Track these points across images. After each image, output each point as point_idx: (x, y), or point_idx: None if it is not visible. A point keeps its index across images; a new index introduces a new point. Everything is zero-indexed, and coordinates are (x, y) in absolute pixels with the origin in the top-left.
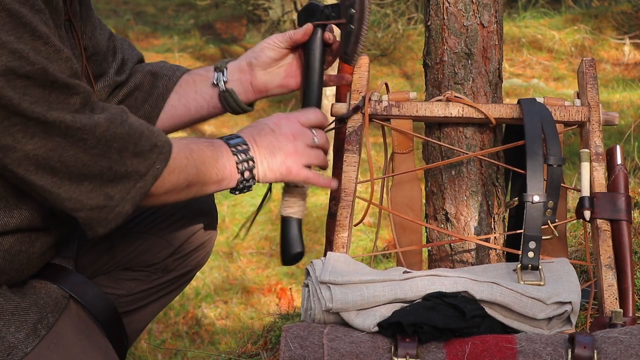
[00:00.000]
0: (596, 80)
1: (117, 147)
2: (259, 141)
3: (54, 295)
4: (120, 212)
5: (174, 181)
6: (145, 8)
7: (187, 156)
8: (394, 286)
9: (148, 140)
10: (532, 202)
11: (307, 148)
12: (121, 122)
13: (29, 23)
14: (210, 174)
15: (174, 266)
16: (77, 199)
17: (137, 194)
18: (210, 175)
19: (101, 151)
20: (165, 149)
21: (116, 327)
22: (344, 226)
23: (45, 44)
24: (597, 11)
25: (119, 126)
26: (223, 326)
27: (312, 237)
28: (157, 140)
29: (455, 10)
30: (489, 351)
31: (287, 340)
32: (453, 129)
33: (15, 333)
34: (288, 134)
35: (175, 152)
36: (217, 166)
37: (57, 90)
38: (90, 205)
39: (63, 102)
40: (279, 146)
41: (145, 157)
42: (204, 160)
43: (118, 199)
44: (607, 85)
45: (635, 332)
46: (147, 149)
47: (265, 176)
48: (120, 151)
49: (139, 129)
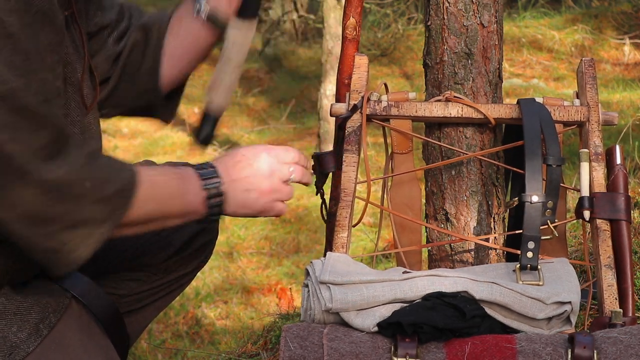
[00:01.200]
0: (595, 80)
1: (75, 193)
2: (234, 174)
3: (56, 295)
4: (75, 258)
5: (131, 218)
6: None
7: (150, 192)
8: (394, 286)
9: (112, 186)
10: (530, 202)
11: (281, 184)
12: (81, 166)
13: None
14: (173, 209)
15: (175, 267)
16: (29, 240)
17: (94, 241)
18: (172, 211)
19: (57, 196)
20: (128, 192)
21: (118, 327)
22: (343, 226)
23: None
24: (597, 11)
25: (79, 171)
26: (223, 326)
27: (312, 237)
28: (121, 185)
29: (455, 10)
30: (488, 351)
31: (287, 340)
32: (453, 129)
33: (18, 333)
34: (266, 171)
35: (139, 191)
36: (182, 202)
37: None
38: (44, 248)
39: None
40: (255, 183)
41: (107, 204)
42: (168, 196)
43: (73, 245)
44: (607, 85)
45: (635, 332)
46: (110, 194)
47: (235, 212)
48: (79, 199)
49: (102, 175)
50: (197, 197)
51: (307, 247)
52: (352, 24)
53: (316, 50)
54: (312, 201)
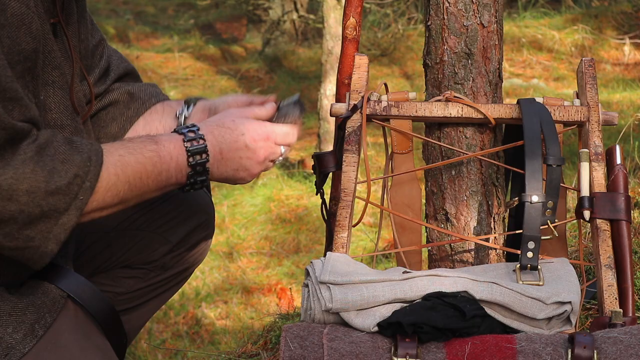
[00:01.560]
0: (595, 80)
1: (24, 189)
2: (227, 154)
3: (51, 295)
4: (44, 252)
5: (100, 202)
6: (145, 8)
7: (119, 173)
8: (394, 286)
9: (64, 174)
10: (530, 202)
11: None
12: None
13: None
14: (147, 186)
15: (172, 263)
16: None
17: (60, 231)
18: (147, 187)
19: (6, 196)
20: (90, 176)
21: (114, 326)
22: (343, 226)
23: None
24: (597, 11)
25: (21, 167)
26: (223, 326)
27: (312, 237)
28: (77, 170)
29: (455, 10)
30: (488, 351)
31: (287, 340)
32: (453, 129)
33: (13, 333)
34: (261, 156)
35: (103, 173)
36: (158, 179)
37: None
38: (10, 247)
39: None
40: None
41: (64, 193)
42: (141, 174)
43: (39, 239)
44: (607, 85)
45: (635, 332)
46: (65, 183)
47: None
48: (29, 193)
49: (49, 166)
50: (178, 174)
51: (307, 247)
52: (352, 23)
53: (316, 50)
54: (312, 201)
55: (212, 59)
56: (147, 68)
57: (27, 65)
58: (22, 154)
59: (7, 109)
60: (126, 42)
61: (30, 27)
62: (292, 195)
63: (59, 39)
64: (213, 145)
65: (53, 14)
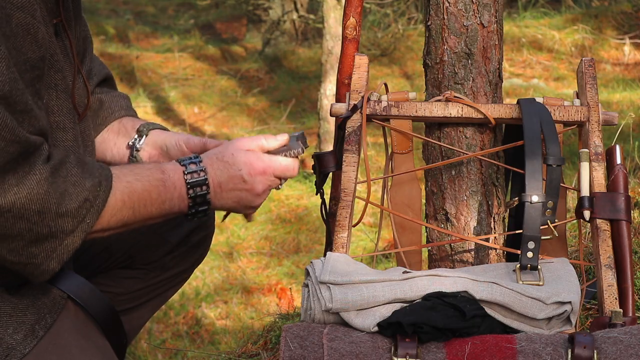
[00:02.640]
0: (595, 80)
1: (36, 209)
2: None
3: (51, 295)
4: (45, 270)
5: (104, 225)
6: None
7: (125, 199)
8: (394, 286)
9: (75, 198)
10: (530, 202)
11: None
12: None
13: None
14: (151, 214)
15: (172, 264)
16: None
17: (63, 252)
18: (150, 215)
19: (18, 214)
20: (99, 201)
21: (114, 326)
22: (343, 226)
23: None
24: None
25: (36, 187)
26: (223, 326)
27: (312, 237)
28: (88, 194)
29: (455, 10)
30: (488, 351)
31: (287, 340)
32: (453, 129)
33: (13, 334)
34: (259, 189)
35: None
36: (162, 207)
37: None
38: (13, 261)
39: None
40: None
41: (73, 216)
42: (146, 201)
43: (42, 257)
44: (607, 85)
45: (635, 332)
46: (75, 207)
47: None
48: (40, 213)
49: (61, 188)
50: (181, 203)
51: (307, 247)
52: (352, 23)
53: (316, 50)
54: (312, 201)
55: (212, 59)
56: (147, 68)
57: (36, 74)
58: (37, 174)
59: (19, 122)
60: (126, 42)
61: (36, 36)
62: (292, 195)
63: (60, 39)
64: (213, 178)
65: (56, 14)
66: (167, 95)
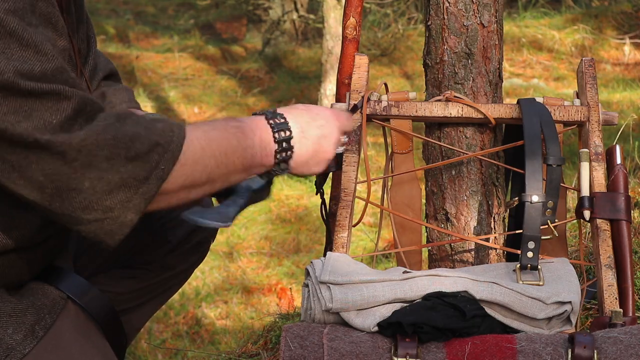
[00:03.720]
0: (595, 80)
1: (104, 155)
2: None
3: (51, 296)
4: (124, 222)
5: (188, 177)
6: (145, 8)
7: (204, 146)
8: (394, 286)
9: (146, 141)
10: (531, 202)
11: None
12: (106, 128)
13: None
14: (234, 164)
15: (172, 264)
16: (71, 215)
17: (140, 201)
18: (233, 166)
19: (86, 162)
20: (173, 146)
21: (114, 326)
22: (343, 226)
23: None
24: (597, 11)
25: (104, 133)
26: (223, 326)
27: (312, 237)
28: (159, 138)
29: (456, 10)
30: (489, 351)
31: (287, 340)
32: (453, 129)
33: (13, 334)
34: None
35: (187, 146)
36: (244, 155)
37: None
38: (88, 219)
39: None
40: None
41: (144, 160)
42: (227, 149)
43: (118, 209)
44: (607, 85)
45: (635, 332)
46: (145, 151)
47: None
48: (109, 159)
49: (130, 132)
50: (265, 150)
51: (307, 247)
52: (352, 23)
53: (316, 50)
54: (312, 201)
55: (212, 59)
56: (147, 68)
57: None
58: (102, 120)
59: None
60: (126, 42)
61: (57, 25)
62: (292, 195)
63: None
64: (294, 122)
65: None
66: (167, 95)
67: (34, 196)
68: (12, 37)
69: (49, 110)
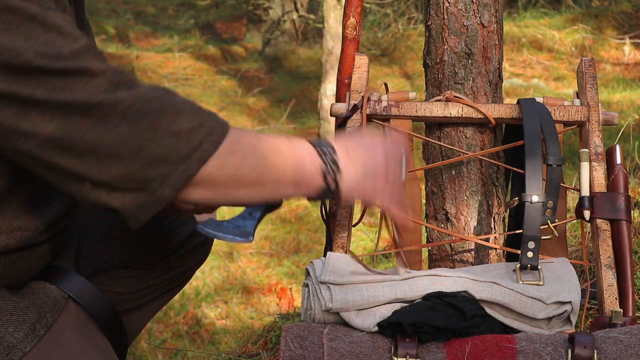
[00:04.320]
0: (595, 80)
1: (147, 124)
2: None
3: (52, 295)
4: (160, 196)
5: (237, 169)
6: (145, 8)
7: (254, 143)
8: (394, 286)
9: (190, 119)
10: (530, 202)
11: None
12: (151, 98)
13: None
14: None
15: (174, 264)
16: (109, 183)
17: (179, 178)
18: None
19: (128, 129)
20: (217, 131)
21: (115, 326)
22: (343, 226)
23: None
24: (597, 11)
25: (148, 103)
26: (223, 326)
27: (312, 237)
28: (204, 121)
29: (456, 10)
30: (489, 351)
31: (287, 340)
32: (453, 129)
33: (14, 333)
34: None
35: (232, 136)
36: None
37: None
38: (125, 187)
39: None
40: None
41: (187, 137)
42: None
43: (157, 182)
44: (607, 85)
45: (635, 331)
46: (188, 128)
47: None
48: (152, 129)
49: (176, 107)
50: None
51: (307, 247)
52: (352, 23)
53: (316, 50)
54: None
55: (212, 59)
56: (147, 68)
57: None
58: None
59: None
60: (126, 42)
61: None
62: None
63: None
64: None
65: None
66: None
67: (71, 165)
68: (34, 21)
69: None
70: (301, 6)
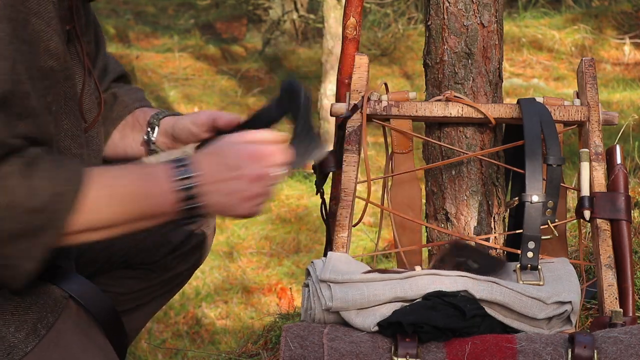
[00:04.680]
0: (595, 80)
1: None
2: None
3: (53, 295)
4: (22, 272)
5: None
6: (145, 8)
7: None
8: (394, 285)
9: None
10: (531, 202)
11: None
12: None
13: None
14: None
15: (173, 264)
16: None
17: (38, 253)
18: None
19: None
20: (71, 195)
21: (116, 326)
22: (343, 226)
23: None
24: (597, 11)
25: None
26: (223, 326)
27: (312, 237)
28: (60, 189)
29: (456, 10)
30: (489, 351)
31: (287, 340)
32: (453, 129)
33: (15, 333)
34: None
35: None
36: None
37: None
38: None
39: None
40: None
41: (43, 211)
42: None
43: (16, 259)
44: (607, 85)
45: (635, 331)
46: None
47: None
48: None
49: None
50: (167, 199)
51: (307, 247)
52: (352, 23)
53: (316, 50)
54: (312, 201)
55: (212, 59)
56: (147, 68)
57: (45, 83)
58: (7, 167)
59: (10, 124)
60: (126, 42)
61: (49, 45)
62: (292, 195)
63: (72, 45)
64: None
65: (69, 20)
66: (167, 95)
67: None
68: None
69: None
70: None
